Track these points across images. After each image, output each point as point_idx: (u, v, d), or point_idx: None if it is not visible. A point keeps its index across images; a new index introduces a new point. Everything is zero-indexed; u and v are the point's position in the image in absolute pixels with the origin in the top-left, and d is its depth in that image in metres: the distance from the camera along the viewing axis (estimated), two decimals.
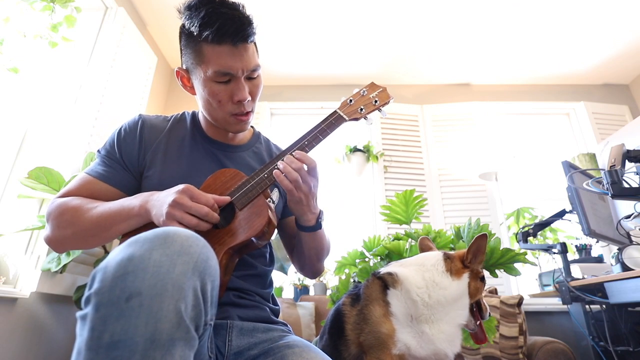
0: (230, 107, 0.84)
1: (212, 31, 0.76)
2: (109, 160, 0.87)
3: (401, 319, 0.81)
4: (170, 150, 0.90)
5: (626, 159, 1.40)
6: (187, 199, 0.69)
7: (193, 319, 0.46)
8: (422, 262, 0.87)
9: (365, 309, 0.83)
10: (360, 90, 0.91)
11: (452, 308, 0.83)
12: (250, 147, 0.99)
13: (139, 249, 0.46)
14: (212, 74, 0.80)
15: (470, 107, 3.08)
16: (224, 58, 0.79)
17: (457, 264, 0.87)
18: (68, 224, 0.78)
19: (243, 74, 0.82)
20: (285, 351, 0.73)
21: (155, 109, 2.78)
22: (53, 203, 0.82)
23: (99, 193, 0.84)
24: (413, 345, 0.79)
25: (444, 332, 0.80)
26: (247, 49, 0.81)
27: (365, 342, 0.80)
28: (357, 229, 2.74)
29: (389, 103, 0.90)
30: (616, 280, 1.45)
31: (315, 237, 0.89)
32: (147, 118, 0.93)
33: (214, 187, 0.80)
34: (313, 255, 0.92)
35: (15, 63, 1.55)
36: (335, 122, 0.86)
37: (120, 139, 0.89)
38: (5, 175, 1.61)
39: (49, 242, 0.82)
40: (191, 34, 0.80)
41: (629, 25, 2.62)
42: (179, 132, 0.94)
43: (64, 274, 1.69)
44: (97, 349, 0.41)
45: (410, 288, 0.82)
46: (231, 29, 0.77)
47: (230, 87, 0.82)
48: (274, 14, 2.52)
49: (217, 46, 0.78)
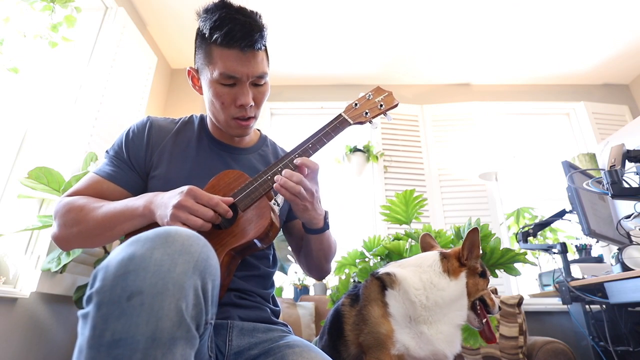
0: (232, 110, 0.86)
1: (221, 34, 0.78)
2: (116, 161, 0.89)
3: (399, 319, 0.81)
4: (176, 151, 0.91)
5: (626, 159, 1.40)
6: (191, 200, 0.70)
7: (194, 318, 0.46)
8: (419, 263, 0.87)
9: (364, 310, 0.83)
10: (366, 94, 0.91)
11: (450, 309, 0.83)
12: (256, 149, 1.00)
13: (140, 248, 0.46)
14: (218, 76, 0.82)
15: (470, 107, 3.08)
16: (230, 62, 0.81)
17: (453, 264, 0.86)
18: (74, 222, 0.79)
19: (248, 79, 0.83)
20: (286, 351, 0.73)
21: (155, 109, 2.78)
22: (61, 202, 0.83)
23: (106, 192, 0.86)
24: (412, 345, 0.79)
25: (442, 332, 0.80)
26: (255, 56, 0.83)
27: (364, 342, 0.81)
28: (357, 229, 2.74)
29: (394, 107, 0.91)
30: (616, 280, 1.45)
31: (323, 239, 0.90)
32: (155, 120, 0.95)
33: (218, 187, 0.80)
34: (321, 257, 0.93)
35: (15, 63, 1.55)
36: (340, 126, 0.86)
37: (129, 140, 0.91)
38: (5, 175, 1.61)
39: (56, 239, 0.83)
40: (203, 36, 0.83)
41: (629, 25, 2.62)
42: (186, 134, 0.95)
43: (64, 274, 1.69)
44: (99, 348, 0.41)
45: (409, 289, 0.82)
46: (239, 34, 0.78)
47: (235, 90, 0.84)
48: (275, 14, 2.52)
49: (226, 49, 0.80)
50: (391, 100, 0.91)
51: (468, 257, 0.87)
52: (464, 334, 1.44)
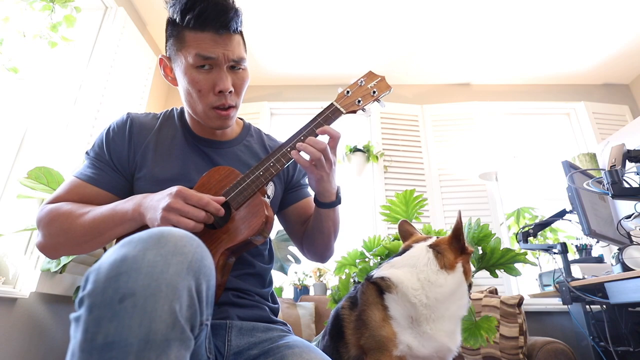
0: (211, 98, 0.80)
1: (193, 16, 0.75)
2: (98, 162, 0.85)
3: (401, 321, 0.80)
4: (160, 150, 0.87)
5: (626, 158, 1.39)
6: (181, 202, 0.68)
7: (188, 319, 0.45)
8: (414, 263, 0.85)
9: (364, 314, 0.82)
10: (358, 81, 0.86)
11: (452, 301, 0.82)
12: (240, 140, 0.96)
13: (133, 250, 0.46)
14: (193, 59, 0.77)
15: (471, 107, 3.07)
16: (205, 42, 0.77)
17: (449, 257, 0.85)
18: (60, 231, 0.76)
19: (226, 61, 0.79)
20: (286, 351, 0.72)
21: (155, 109, 2.78)
22: (43, 210, 0.79)
23: (90, 197, 0.82)
24: (415, 345, 0.78)
25: (444, 329, 0.80)
26: (231, 39, 0.79)
27: (365, 345, 0.80)
28: (357, 229, 2.73)
29: (388, 93, 0.86)
30: (616, 281, 1.44)
31: (334, 214, 0.89)
32: (135, 116, 0.91)
33: (209, 186, 0.78)
34: (331, 233, 0.92)
35: (15, 63, 1.55)
36: (332, 116, 0.82)
37: (109, 139, 0.86)
38: (5, 175, 1.61)
39: (42, 249, 0.79)
40: (174, 22, 0.79)
41: (629, 25, 2.61)
42: (168, 130, 0.91)
43: (64, 274, 1.69)
44: (91, 351, 0.41)
45: (407, 291, 0.81)
46: (212, 14, 0.75)
47: (212, 76, 0.79)
48: (274, 14, 2.52)
49: (200, 33, 0.76)
50: (385, 85, 0.86)
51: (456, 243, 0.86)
52: (464, 334, 1.44)
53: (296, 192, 1.01)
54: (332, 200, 0.86)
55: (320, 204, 0.86)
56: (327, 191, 0.83)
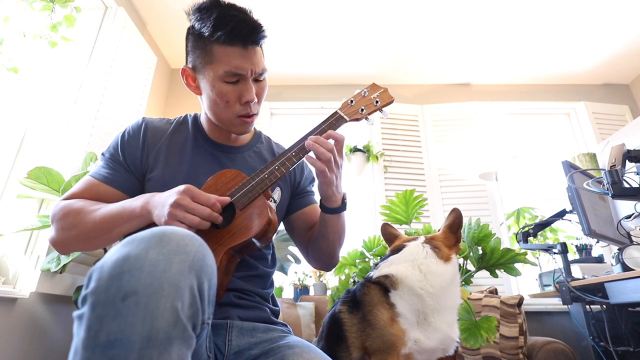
0: (237, 108, 0.86)
1: (224, 32, 0.79)
2: (112, 163, 0.89)
3: (409, 317, 0.81)
4: (172, 152, 0.91)
5: (626, 158, 1.39)
6: (188, 199, 0.70)
7: (190, 318, 0.46)
8: (413, 258, 0.88)
9: (370, 315, 0.82)
10: (362, 91, 0.91)
11: (452, 290, 0.87)
12: (251, 147, 1.00)
13: (135, 248, 0.46)
14: (223, 74, 0.82)
15: (470, 107, 3.08)
16: (235, 59, 0.81)
17: (445, 251, 0.90)
18: (71, 226, 0.79)
19: (252, 75, 0.84)
20: (286, 351, 0.73)
21: (155, 109, 2.79)
22: (57, 205, 0.83)
23: (103, 195, 0.85)
24: (422, 338, 0.79)
25: (446, 320, 0.83)
26: (256, 52, 0.84)
27: (371, 346, 0.80)
28: (357, 229, 2.73)
29: (390, 104, 0.90)
30: (616, 281, 1.44)
31: (339, 220, 0.92)
32: (150, 121, 0.95)
33: (215, 187, 0.80)
34: (336, 240, 0.94)
35: (15, 63, 1.55)
36: (335, 123, 0.86)
37: (124, 142, 0.91)
38: (5, 175, 1.61)
39: (54, 244, 0.83)
40: (201, 35, 0.82)
41: (629, 25, 2.61)
42: (181, 134, 0.95)
43: (64, 274, 1.69)
44: (94, 348, 0.41)
45: (412, 284, 0.82)
46: (244, 31, 0.80)
47: (239, 88, 0.84)
48: (274, 14, 2.52)
49: (229, 47, 0.81)
50: (387, 97, 0.90)
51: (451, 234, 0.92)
52: (464, 334, 1.44)
53: (302, 199, 1.03)
54: (338, 206, 0.89)
55: (326, 209, 0.89)
56: (334, 195, 0.86)
